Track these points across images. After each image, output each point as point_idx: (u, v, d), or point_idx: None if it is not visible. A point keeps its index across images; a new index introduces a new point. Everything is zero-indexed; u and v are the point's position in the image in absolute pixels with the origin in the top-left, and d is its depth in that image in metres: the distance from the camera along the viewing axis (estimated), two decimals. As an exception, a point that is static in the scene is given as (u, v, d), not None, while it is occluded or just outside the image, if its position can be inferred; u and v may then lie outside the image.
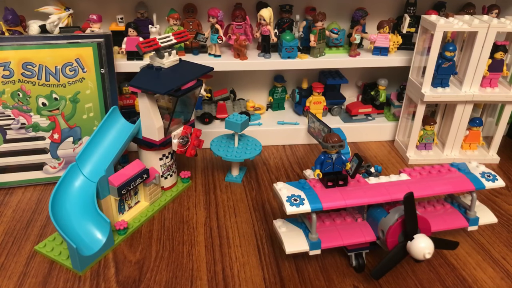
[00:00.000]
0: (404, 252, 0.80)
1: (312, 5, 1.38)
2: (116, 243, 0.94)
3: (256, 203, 1.10)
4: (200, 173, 1.22)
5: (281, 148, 1.37)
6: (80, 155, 0.97)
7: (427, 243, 0.78)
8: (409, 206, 0.78)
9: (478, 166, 0.95)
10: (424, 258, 0.77)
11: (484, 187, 0.89)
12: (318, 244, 0.84)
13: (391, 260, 0.81)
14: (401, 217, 0.81)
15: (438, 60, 1.18)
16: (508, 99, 1.23)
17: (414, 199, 0.79)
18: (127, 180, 0.96)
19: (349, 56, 1.34)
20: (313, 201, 0.82)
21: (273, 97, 1.46)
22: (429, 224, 0.82)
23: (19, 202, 1.08)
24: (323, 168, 0.87)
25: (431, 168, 0.94)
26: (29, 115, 1.09)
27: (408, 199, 0.78)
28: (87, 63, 1.10)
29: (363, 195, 0.85)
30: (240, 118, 1.14)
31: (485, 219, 0.94)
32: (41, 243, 0.93)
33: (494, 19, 1.15)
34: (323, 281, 0.87)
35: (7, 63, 1.04)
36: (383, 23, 1.30)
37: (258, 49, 1.37)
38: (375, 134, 1.43)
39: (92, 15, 1.18)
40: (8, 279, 0.85)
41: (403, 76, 1.35)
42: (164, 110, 1.06)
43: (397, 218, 0.81)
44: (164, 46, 0.99)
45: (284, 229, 0.88)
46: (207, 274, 0.88)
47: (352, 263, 0.89)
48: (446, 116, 1.32)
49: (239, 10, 1.28)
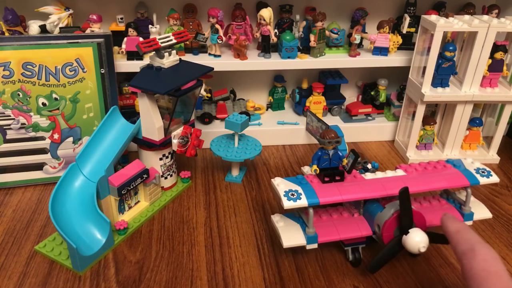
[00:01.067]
0: (400, 246, 0.80)
1: (312, 5, 1.38)
2: (116, 243, 0.94)
3: (256, 203, 1.10)
4: (200, 173, 1.22)
5: (281, 148, 1.37)
6: (80, 155, 0.97)
7: (422, 237, 0.78)
8: (404, 200, 0.79)
9: (473, 162, 0.95)
10: (419, 252, 0.78)
11: (479, 183, 0.90)
12: (315, 238, 0.85)
13: (386, 254, 0.82)
14: (397, 212, 0.81)
15: (438, 60, 1.18)
16: (508, 99, 1.23)
17: (410, 194, 0.79)
18: (127, 180, 0.96)
19: (349, 56, 1.34)
20: (310, 195, 0.82)
21: (273, 97, 1.46)
22: (424, 218, 0.83)
23: (19, 202, 1.08)
24: (320, 163, 0.88)
25: (427, 164, 0.95)
26: (29, 115, 1.09)
27: (403, 194, 0.78)
28: (87, 63, 1.10)
29: (360, 190, 0.86)
30: (240, 118, 1.14)
31: (480, 214, 0.95)
32: (41, 243, 0.93)
33: (494, 19, 1.15)
34: (323, 281, 0.87)
35: (7, 63, 1.04)
36: (383, 23, 1.30)
37: (258, 49, 1.37)
38: (375, 134, 1.43)
39: (92, 15, 1.18)
40: (8, 279, 0.85)
41: (403, 76, 1.35)
42: (164, 110, 1.06)
43: (393, 213, 0.82)
44: (164, 46, 0.99)
45: (281, 224, 0.88)
46: (207, 274, 0.88)
47: (349, 257, 0.90)
48: (446, 116, 1.32)
49: (239, 10, 1.28)
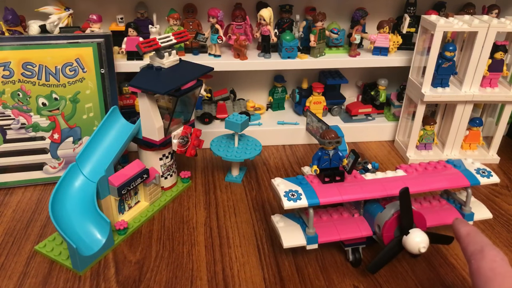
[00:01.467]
0: (400, 246, 0.80)
1: (312, 5, 1.38)
2: (116, 243, 0.94)
3: (256, 203, 1.10)
4: (200, 173, 1.22)
5: (281, 148, 1.37)
6: (80, 155, 0.97)
7: (422, 237, 0.78)
8: (404, 201, 0.79)
9: (473, 162, 0.95)
10: (419, 252, 0.78)
11: (479, 183, 0.90)
12: (315, 239, 0.85)
13: (387, 254, 0.82)
14: (397, 212, 0.82)
15: (438, 60, 1.18)
16: (508, 99, 1.23)
17: (410, 195, 0.79)
18: (127, 180, 0.96)
19: (349, 56, 1.34)
20: (310, 196, 0.82)
21: (273, 97, 1.45)
22: (424, 219, 0.83)
23: (19, 202, 1.08)
24: (320, 164, 0.88)
25: (427, 165, 0.95)
26: (29, 115, 1.09)
27: (404, 194, 0.78)
28: (87, 63, 1.10)
29: (360, 191, 0.86)
30: (240, 118, 1.14)
31: (480, 214, 0.95)
32: (41, 243, 0.93)
33: (494, 19, 1.15)
34: (323, 281, 0.87)
35: (7, 63, 1.04)
36: (383, 23, 1.30)
37: (258, 49, 1.37)
38: (375, 134, 1.43)
39: (92, 15, 1.18)
40: (8, 279, 0.85)
41: (403, 76, 1.35)
42: (164, 110, 1.06)
43: (393, 213, 0.82)
44: (164, 46, 0.99)
45: (282, 224, 0.88)
46: (207, 274, 0.88)
47: (349, 257, 0.90)
48: (446, 116, 1.32)
49: (239, 10, 1.28)
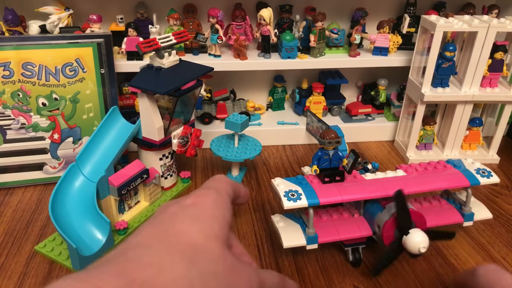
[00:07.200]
0: (400, 247, 0.80)
1: (312, 5, 1.38)
2: (116, 243, 0.94)
3: (256, 203, 1.10)
4: (200, 173, 1.22)
5: (281, 148, 1.37)
6: (80, 155, 0.97)
7: (422, 237, 0.78)
8: (400, 202, 0.78)
9: (473, 162, 0.95)
10: (420, 252, 0.77)
11: (479, 183, 0.90)
12: (315, 239, 0.85)
13: (388, 256, 0.81)
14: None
15: (438, 60, 1.18)
16: (508, 99, 1.23)
17: (406, 195, 0.79)
18: (127, 180, 0.95)
19: (349, 56, 1.34)
20: (310, 196, 0.82)
21: (273, 97, 1.45)
22: (424, 219, 0.83)
23: (19, 202, 1.08)
24: (320, 164, 0.88)
25: (427, 165, 0.95)
26: (29, 115, 1.09)
27: (398, 196, 0.78)
28: (87, 63, 1.10)
29: (360, 191, 0.86)
30: (240, 118, 1.14)
31: (480, 214, 0.95)
32: (41, 243, 0.93)
33: (494, 19, 1.15)
34: (323, 281, 0.87)
35: (7, 63, 1.04)
36: (383, 23, 1.30)
37: (258, 49, 1.37)
38: (375, 134, 1.43)
39: (92, 15, 1.18)
40: (8, 279, 0.85)
41: (403, 76, 1.35)
42: (164, 110, 1.06)
43: (393, 213, 0.82)
44: (164, 46, 0.99)
45: (282, 224, 0.88)
46: (207, 274, 0.88)
47: (349, 257, 0.90)
48: (446, 116, 1.32)
49: (239, 10, 1.28)
